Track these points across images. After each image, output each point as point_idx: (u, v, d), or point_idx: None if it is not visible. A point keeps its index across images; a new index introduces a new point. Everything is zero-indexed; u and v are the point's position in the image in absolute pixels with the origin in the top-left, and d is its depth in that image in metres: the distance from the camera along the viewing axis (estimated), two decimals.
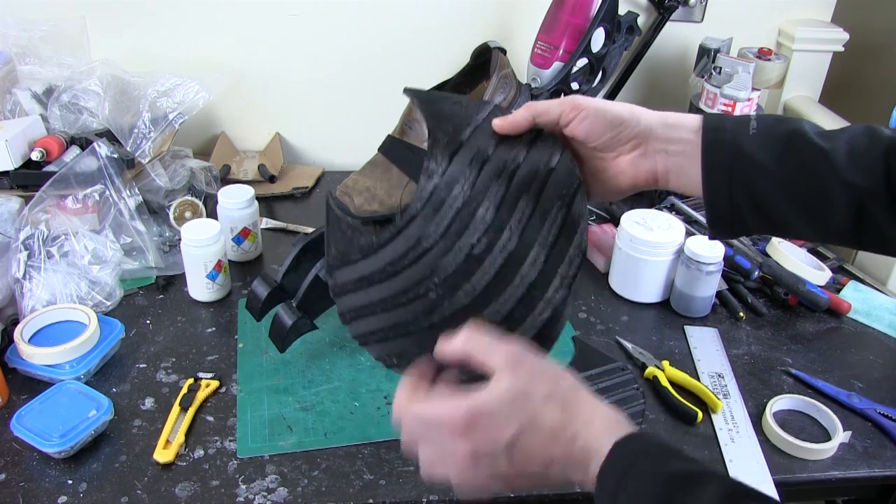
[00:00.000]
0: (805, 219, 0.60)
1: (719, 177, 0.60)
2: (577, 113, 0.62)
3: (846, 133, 0.60)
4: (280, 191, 1.34)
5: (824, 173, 0.58)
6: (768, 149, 0.59)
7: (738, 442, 0.85)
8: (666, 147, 0.62)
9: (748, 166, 0.59)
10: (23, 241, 0.97)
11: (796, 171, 0.59)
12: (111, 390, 0.88)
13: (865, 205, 0.58)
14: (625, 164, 0.64)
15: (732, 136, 0.60)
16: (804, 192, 0.59)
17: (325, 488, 0.77)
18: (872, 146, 0.58)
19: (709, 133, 0.60)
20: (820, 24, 1.42)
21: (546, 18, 1.17)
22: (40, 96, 1.15)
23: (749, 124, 0.60)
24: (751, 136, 0.59)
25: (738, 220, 0.61)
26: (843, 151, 0.58)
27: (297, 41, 1.35)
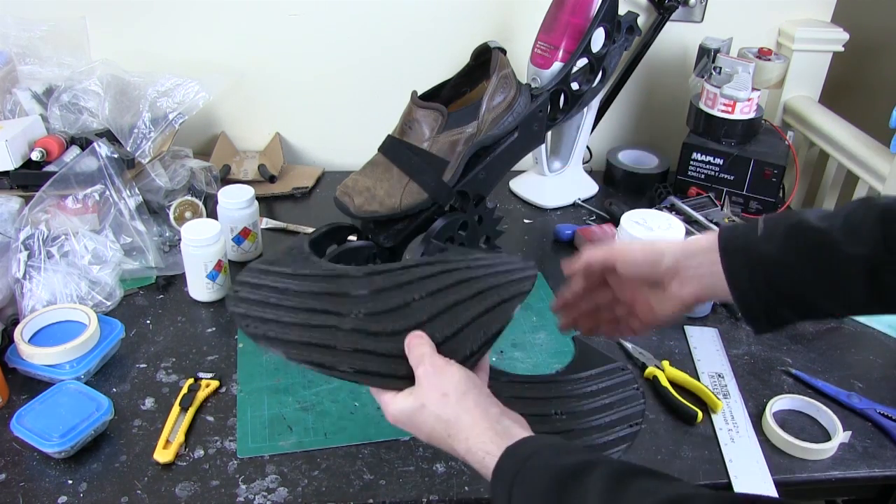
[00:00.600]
0: (829, 299, 0.63)
1: (743, 282, 0.65)
2: (618, 259, 0.72)
3: (844, 209, 0.63)
4: (280, 191, 1.34)
5: (828, 252, 0.61)
6: (777, 244, 0.63)
7: (737, 442, 0.85)
8: (698, 272, 0.68)
9: (764, 265, 0.64)
10: (23, 241, 0.97)
11: (806, 257, 0.63)
12: (111, 390, 0.88)
13: (875, 272, 0.60)
14: (671, 295, 0.70)
15: (744, 241, 0.65)
16: (818, 275, 0.62)
17: (325, 488, 0.77)
18: (867, 215, 0.61)
19: (724, 246, 0.66)
20: (820, 24, 1.42)
21: (546, 18, 1.17)
22: (40, 96, 1.15)
23: (757, 227, 0.65)
24: (759, 237, 0.65)
25: (774, 316, 0.66)
26: (840, 226, 0.61)
27: (297, 41, 1.35)
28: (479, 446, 0.58)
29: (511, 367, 0.95)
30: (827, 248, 0.62)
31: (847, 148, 1.29)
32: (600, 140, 1.51)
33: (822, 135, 1.36)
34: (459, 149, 0.95)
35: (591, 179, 1.41)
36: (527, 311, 1.06)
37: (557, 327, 0.81)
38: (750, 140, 1.32)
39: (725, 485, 0.80)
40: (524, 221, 1.31)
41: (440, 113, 0.93)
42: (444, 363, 0.63)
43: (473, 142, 0.97)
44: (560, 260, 1.18)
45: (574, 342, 0.99)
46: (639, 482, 0.51)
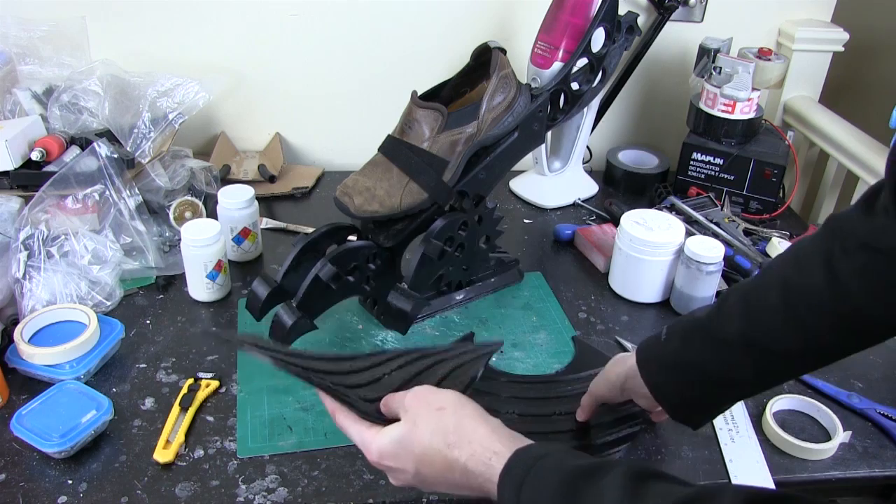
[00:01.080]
0: (729, 382, 0.69)
1: (663, 388, 0.73)
2: (601, 399, 0.81)
3: (721, 296, 0.72)
4: (280, 191, 1.34)
5: (709, 339, 0.69)
6: (675, 345, 0.71)
7: (738, 442, 0.85)
8: (641, 391, 0.75)
9: (673, 367, 0.71)
10: (23, 241, 0.97)
11: (696, 351, 0.69)
12: (111, 390, 0.88)
13: (752, 348, 0.66)
14: (644, 403, 0.79)
15: (653, 351, 0.74)
16: (711, 362, 0.69)
17: (325, 488, 0.77)
18: (731, 296, 0.69)
19: (638, 360, 0.75)
20: (820, 24, 1.42)
21: (546, 18, 1.17)
22: (40, 96, 1.15)
23: (661, 335, 0.73)
24: (662, 342, 0.72)
25: (702, 410, 0.73)
26: (714, 313, 0.69)
27: (297, 41, 1.35)
28: (485, 446, 0.57)
29: (511, 368, 0.95)
30: (708, 337, 0.68)
31: (847, 148, 1.29)
32: (600, 140, 1.51)
33: (822, 135, 1.36)
34: (459, 149, 0.95)
35: (591, 179, 1.41)
36: (527, 311, 1.06)
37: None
38: (750, 140, 1.32)
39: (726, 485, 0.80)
40: (524, 221, 1.31)
41: (440, 113, 0.93)
42: (433, 388, 0.62)
43: (473, 142, 0.97)
44: (560, 260, 1.19)
45: (574, 342, 0.99)
46: (657, 485, 0.50)
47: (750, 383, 0.70)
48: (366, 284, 0.96)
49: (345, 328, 1.00)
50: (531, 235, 1.27)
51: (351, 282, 0.93)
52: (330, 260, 0.90)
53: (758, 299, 0.66)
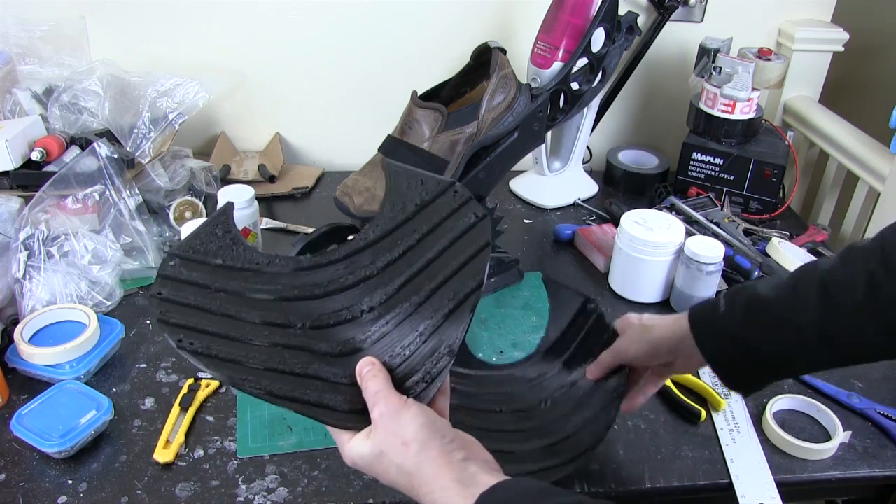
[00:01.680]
0: (794, 363, 0.69)
1: (719, 358, 0.71)
2: (627, 360, 0.79)
3: (792, 277, 0.69)
4: (280, 191, 1.34)
5: (781, 323, 0.66)
6: (737, 320, 0.69)
7: (738, 442, 0.85)
8: (692, 352, 0.72)
9: (730, 339, 0.69)
10: (23, 241, 0.97)
11: (761, 331, 0.68)
12: (111, 390, 0.88)
13: (826, 336, 0.65)
14: (679, 365, 0.77)
15: (710, 319, 0.71)
16: (778, 345, 0.67)
17: (325, 488, 0.77)
18: (809, 284, 0.66)
19: (693, 329, 0.72)
20: (820, 24, 1.42)
21: (546, 18, 1.17)
22: (40, 96, 1.15)
23: (719, 305, 0.71)
24: (722, 314, 0.70)
25: (754, 380, 0.71)
26: (788, 298, 0.67)
27: (297, 41, 1.35)
28: (443, 500, 0.54)
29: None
30: (779, 320, 0.66)
31: (847, 148, 1.29)
32: (600, 140, 1.51)
33: (822, 135, 1.36)
34: (459, 149, 0.95)
35: (591, 179, 1.41)
36: (527, 311, 1.06)
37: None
38: (750, 140, 1.32)
39: (726, 485, 0.80)
40: (524, 221, 1.31)
41: (440, 113, 0.93)
42: (402, 404, 0.57)
43: (473, 142, 0.97)
44: (560, 260, 1.19)
45: (546, 286, 1.01)
46: None
47: (818, 366, 0.70)
48: None
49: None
50: (531, 235, 1.27)
51: None
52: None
53: (842, 293, 0.64)
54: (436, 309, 0.61)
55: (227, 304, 0.62)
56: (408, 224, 0.65)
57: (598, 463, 0.82)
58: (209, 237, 0.67)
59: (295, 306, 0.63)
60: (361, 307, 0.63)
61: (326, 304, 0.63)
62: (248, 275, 0.65)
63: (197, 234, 0.67)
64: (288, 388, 0.59)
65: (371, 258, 0.65)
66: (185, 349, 0.60)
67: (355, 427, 0.59)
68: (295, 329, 0.62)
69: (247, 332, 0.61)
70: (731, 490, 0.80)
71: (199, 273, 0.64)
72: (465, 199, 0.65)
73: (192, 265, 0.65)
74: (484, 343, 0.99)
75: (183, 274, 0.64)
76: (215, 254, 0.65)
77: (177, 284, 0.63)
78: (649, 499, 0.81)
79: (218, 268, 0.65)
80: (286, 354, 0.60)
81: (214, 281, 0.64)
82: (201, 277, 0.64)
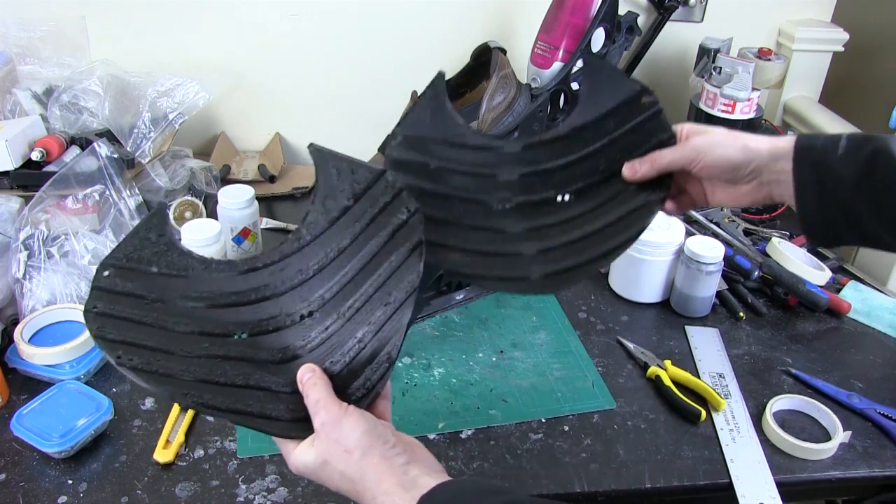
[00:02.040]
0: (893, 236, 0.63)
1: (810, 193, 0.64)
2: (698, 163, 0.67)
3: None
4: (280, 191, 1.34)
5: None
6: (855, 169, 0.62)
7: (738, 442, 0.85)
8: (778, 177, 0.66)
9: (836, 186, 0.63)
10: (23, 241, 0.97)
11: (881, 191, 0.61)
12: (111, 390, 0.88)
13: None
14: (745, 190, 0.69)
15: (821, 155, 0.64)
16: (891, 211, 0.62)
17: (324, 488, 0.77)
18: None
19: (799, 152, 0.64)
20: (820, 24, 1.42)
21: (546, 18, 1.17)
22: (40, 96, 1.15)
23: (839, 144, 0.63)
24: (840, 156, 0.63)
25: (832, 233, 0.66)
26: None
27: (297, 41, 1.35)
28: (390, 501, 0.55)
29: (511, 368, 0.95)
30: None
31: None
32: None
33: None
34: None
35: None
36: (527, 311, 1.06)
37: None
38: None
39: (726, 485, 0.80)
40: None
41: None
42: (342, 412, 0.57)
43: None
44: None
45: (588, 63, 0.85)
46: None
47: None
48: None
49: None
50: None
51: None
52: None
53: None
54: (373, 314, 0.61)
55: (164, 315, 0.61)
56: (341, 221, 0.64)
57: (597, 463, 0.82)
58: (143, 243, 0.63)
59: (232, 313, 0.62)
60: (301, 312, 0.62)
61: (264, 309, 0.62)
62: (184, 282, 0.62)
63: (130, 240, 0.64)
64: (230, 401, 0.59)
65: (306, 260, 0.63)
66: (125, 366, 0.58)
67: (299, 436, 0.59)
68: (233, 338, 0.61)
69: (185, 344, 0.60)
70: (731, 490, 0.80)
71: (134, 283, 0.62)
72: (397, 191, 0.64)
73: (128, 274, 0.62)
74: (484, 343, 0.99)
75: (118, 285, 0.61)
76: (150, 261, 0.63)
77: (112, 297, 0.61)
78: (649, 499, 0.81)
79: (153, 276, 0.62)
80: (226, 366, 0.60)
81: (150, 291, 0.61)
82: (137, 288, 0.61)
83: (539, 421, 0.87)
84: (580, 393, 0.91)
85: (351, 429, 0.57)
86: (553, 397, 0.90)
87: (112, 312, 0.60)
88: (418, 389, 0.90)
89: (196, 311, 0.61)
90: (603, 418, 0.88)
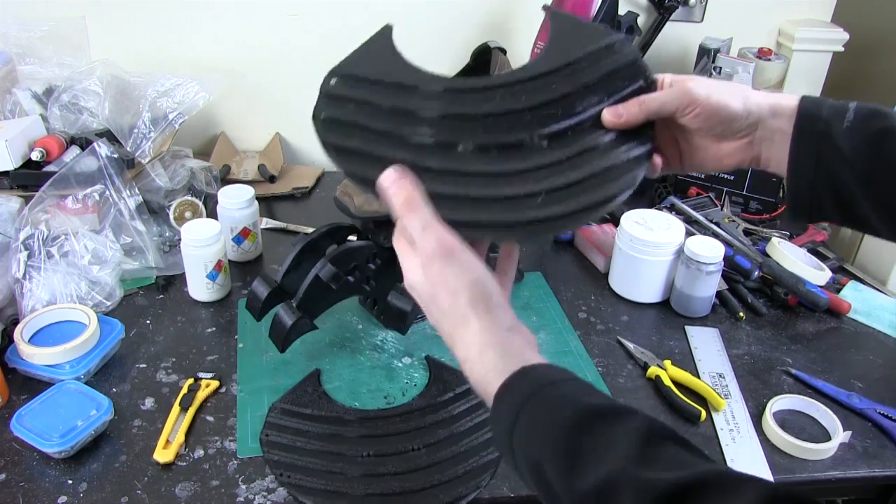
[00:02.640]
0: (887, 222, 0.60)
1: (806, 165, 0.59)
2: (693, 109, 0.61)
3: None
4: (280, 191, 1.34)
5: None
6: (859, 145, 0.58)
7: (738, 442, 0.85)
8: (772, 136, 0.61)
9: (836, 159, 0.58)
10: (23, 241, 0.97)
11: (885, 175, 0.58)
12: (111, 390, 0.88)
13: None
14: (732, 148, 0.63)
15: (825, 125, 0.59)
16: (889, 196, 0.58)
17: None
18: None
19: (802, 118, 0.60)
20: (820, 24, 1.42)
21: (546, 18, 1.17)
22: (40, 96, 1.15)
23: (845, 115, 0.59)
24: (844, 128, 0.58)
25: (817, 208, 0.61)
26: None
27: (298, 42, 1.35)
28: (484, 360, 0.53)
29: None
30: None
31: None
32: None
33: None
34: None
35: None
36: (527, 311, 1.06)
37: None
38: None
39: None
40: None
41: None
42: (453, 248, 0.55)
43: None
44: (560, 260, 1.19)
45: (427, 363, 0.94)
46: (673, 449, 0.47)
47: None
48: (366, 284, 0.96)
49: (345, 328, 1.00)
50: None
51: (351, 282, 0.93)
52: (330, 260, 0.90)
53: None
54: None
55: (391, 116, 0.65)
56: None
57: None
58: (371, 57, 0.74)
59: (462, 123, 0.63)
60: (535, 134, 0.61)
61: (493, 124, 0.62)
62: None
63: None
64: None
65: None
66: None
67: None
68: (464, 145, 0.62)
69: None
70: None
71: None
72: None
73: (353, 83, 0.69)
74: None
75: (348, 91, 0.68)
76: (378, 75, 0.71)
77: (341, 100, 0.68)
78: None
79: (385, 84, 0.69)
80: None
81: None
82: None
83: None
84: None
85: (463, 270, 0.54)
86: None
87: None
88: (418, 390, 0.90)
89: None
90: None
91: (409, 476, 0.76)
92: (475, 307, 0.54)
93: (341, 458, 0.78)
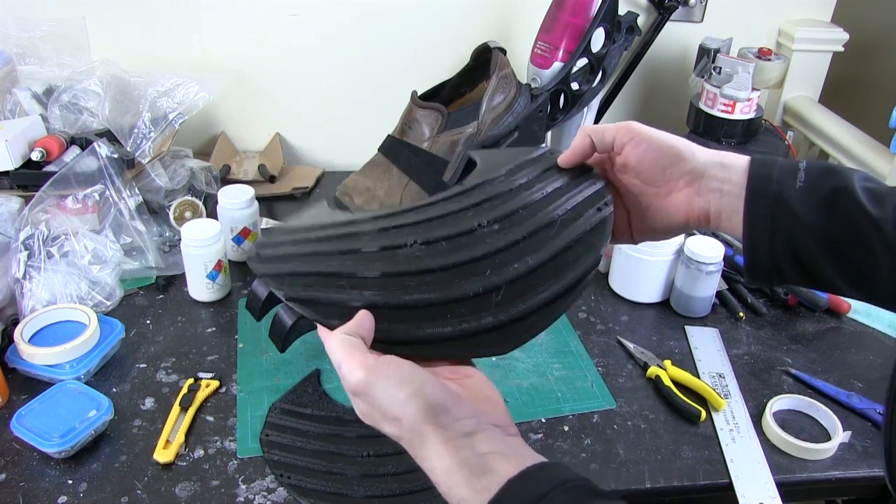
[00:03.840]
0: (850, 282, 0.58)
1: (761, 228, 0.58)
2: (631, 138, 0.60)
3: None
4: (280, 191, 1.34)
5: (872, 242, 0.55)
6: (813, 206, 0.56)
7: (738, 442, 0.85)
8: (720, 187, 0.60)
9: (791, 221, 0.57)
10: (23, 241, 0.97)
11: (842, 235, 0.56)
12: (111, 390, 0.88)
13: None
14: (678, 200, 0.61)
15: (778, 186, 0.57)
16: (850, 257, 0.56)
17: None
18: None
19: (754, 181, 0.58)
20: (820, 24, 1.42)
21: (546, 18, 1.17)
22: (40, 96, 1.15)
23: (797, 175, 0.57)
24: (797, 189, 0.57)
25: (777, 272, 0.59)
26: (894, 220, 0.55)
27: (298, 42, 1.35)
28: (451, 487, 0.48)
29: (511, 368, 0.95)
30: (872, 238, 0.55)
31: (847, 148, 1.29)
32: None
33: (822, 135, 1.36)
34: (459, 149, 0.95)
35: None
36: None
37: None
38: (750, 140, 1.32)
39: (726, 485, 0.80)
40: None
41: (440, 113, 0.93)
42: (375, 368, 0.50)
43: (473, 142, 0.97)
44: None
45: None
46: None
47: (875, 297, 0.58)
48: None
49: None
50: None
51: None
52: None
53: None
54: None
55: None
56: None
57: (597, 463, 0.82)
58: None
59: None
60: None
61: None
62: None
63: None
64: None
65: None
66: None
67: None
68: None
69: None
70: (731, 490, 0.80)
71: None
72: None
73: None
74: None
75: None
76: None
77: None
78: (649, 499, 0.81)
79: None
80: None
81: None
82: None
83: (539, 421, 0.87)
84: (580, 393, 0.91)
85: (391, 390, 0.49)
86: (553, 397, 0.90)
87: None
88: None
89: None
90: (603, 418, 0.88)
91: (409, 476, 0.76)
92: (422, 424, 0.48)
93: (341, 458, 0.78)
